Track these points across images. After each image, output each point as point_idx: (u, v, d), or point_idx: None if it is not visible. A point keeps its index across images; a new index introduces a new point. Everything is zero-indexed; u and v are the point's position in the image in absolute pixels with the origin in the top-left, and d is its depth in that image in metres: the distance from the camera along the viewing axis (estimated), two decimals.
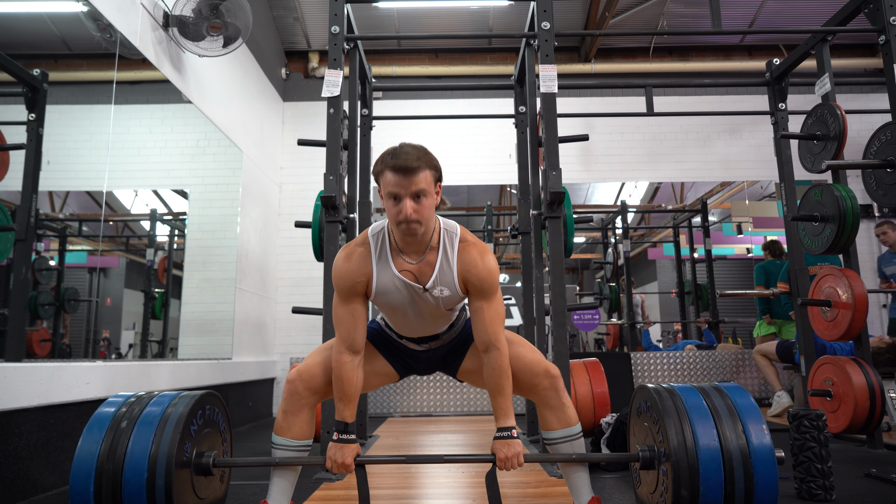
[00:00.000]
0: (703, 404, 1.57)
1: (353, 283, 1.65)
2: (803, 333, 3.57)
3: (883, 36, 3.09)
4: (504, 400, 1.65)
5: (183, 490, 1.59)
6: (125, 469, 1.52)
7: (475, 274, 1.64)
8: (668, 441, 1.52)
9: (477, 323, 1.66)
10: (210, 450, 1.74)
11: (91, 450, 1.54)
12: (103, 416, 1.62)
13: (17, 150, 2.71)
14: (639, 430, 1.76)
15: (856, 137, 4.13)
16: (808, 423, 2.17)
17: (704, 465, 1.47)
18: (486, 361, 1.66)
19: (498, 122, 5.84)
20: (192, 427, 1.63)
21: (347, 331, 1.66)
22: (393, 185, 1.54)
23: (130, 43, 3.26)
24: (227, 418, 1.86)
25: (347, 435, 1.66)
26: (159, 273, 4.24)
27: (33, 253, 2.90)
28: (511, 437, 1.64)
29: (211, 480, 1.75)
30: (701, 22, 6.04)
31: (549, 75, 2.91)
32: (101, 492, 1.51)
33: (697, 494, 1.46)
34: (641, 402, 1.74)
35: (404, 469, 2.87)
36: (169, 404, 1.64)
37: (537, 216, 3.24)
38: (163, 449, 1.54)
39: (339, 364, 1.65)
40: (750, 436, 1.50)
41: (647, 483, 1.69)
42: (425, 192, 1.55)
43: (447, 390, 5.29)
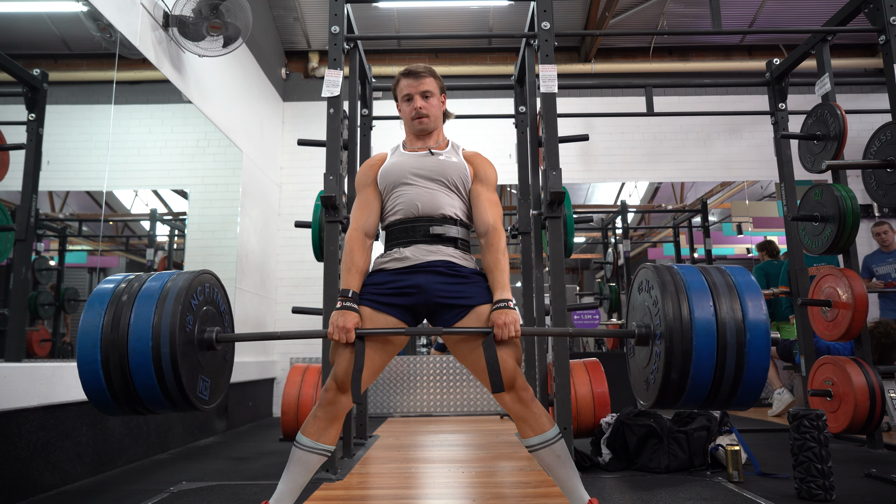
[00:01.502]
0: (703, 280, 1.56)
1: (368, 173, 1.93)
2: (803, 333, 3.57)
3: (883, 36, 3.09)
4: (501, 274, 1.77)
5: (188, 360, 1.59)
6: (130, 338, 1.53)
7: (479, 164, 1.92)
8: (664, 315, 1.51)
9: (477, 207, 1.86)
10: (212, 326, 1.74)
11: (95, 321, 1.55)
12: (103, 291, 1.61)
13: (17, 150, 2.71)
14: (637, 307, 1.75)
15: (856, 137, 4.13)
16: (808, 423, 2.17)
17: (698, 338, 1.47)
18: (485, 242, 1.81)
19: (498, 122, 5.84)
20: (192, 300, 1.64)
21: (362, 214, 1.89)
22: (406, 88, 1.92)
23: (130, 43, 3.26)
24: (226, 299, 1.87)
25: (350, 302, 1.75)
26: None
27: (33, 253, 2.90)
28: (508, 307, 1.71)
29: (214, 356, 1.75)
30: (701, 22, 6.04)
31: (549, 75, 2.91)
32: (109, 362, 1.53)
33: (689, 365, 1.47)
34: (642, 280, 1.72)
35: (404, 469, 2.87)
36: (167, 280, 1.64)
37: (537, 216, 3.24)
38: (165, 320, 1.55)
39: (351, 239, 1.84)
40: (746, 310, 1.50)
41: (641, 359, 1.69)
42: (431, 92, 1.93)
43: (447, 390, 5.29)
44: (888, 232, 4.41)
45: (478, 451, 3.31)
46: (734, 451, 2.47)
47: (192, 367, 1.62)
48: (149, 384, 1.54)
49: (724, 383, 1.48)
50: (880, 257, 4.46)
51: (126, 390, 1.55)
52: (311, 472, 1.77)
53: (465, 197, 1.90)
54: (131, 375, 1.54)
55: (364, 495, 2.39)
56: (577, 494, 1.77)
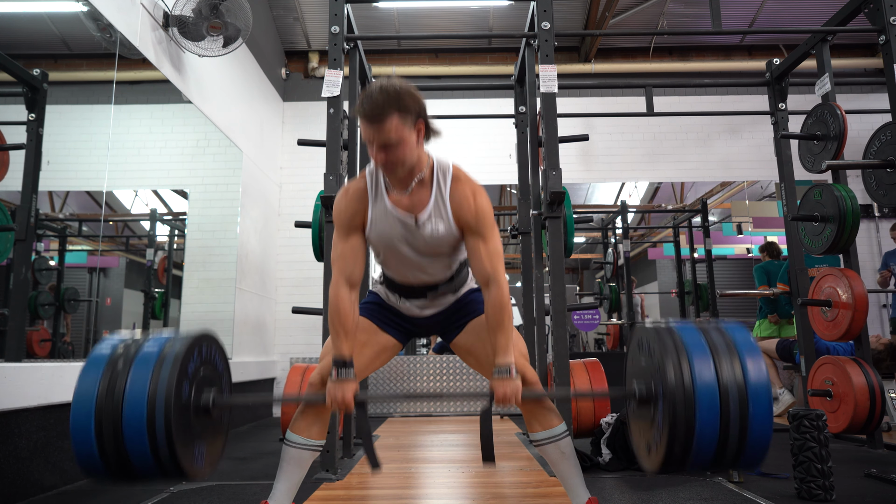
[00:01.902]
0: (702, 340, 1.56)
1: (351, 216, 1.67)
2: (803, 333, 3.57)
3: (883, 36, 3.09)
4: (503, 336, 1.63)
5: (183, 428, 1.59)
6: (125, 410, 1.52)
7: (468, 211, 1.64)
8: (665, 376, 1.51)
9: (475, 260, 1.66)
10: (209, 388, 1.73)
11: (89, 391, 1.54)
12: (99, 357, 1.61)
13: (17, 150, 2.71)
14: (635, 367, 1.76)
15: (856, 137, 4.13)
16: (808, 423, 2.17)
17: (701, 398, 1.47)
18: (487, 297, 1.64)
19: (498, 122, 5.84)
20: (189, 366, 1.62)
21: (346, 265, 1.67)
22: (364, 133, 1.55)
23: (130, 43, 3.26)
24: (224, 359, 1.85)
25: (346, 372, 1.64)
26: (159, 273, 4.24)
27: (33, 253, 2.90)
28: (509, 374, 1.61)
29: (210, 422, 1.75)
30: (701, 22, 6.04)
31: (549, 75, 2.91)
32: (103, 433, 1.52)
33: (693, 426, 1.46)
34: (640, 340, 1.73)
35: (404, 469, 2.87)
36: (165, 345, 1.62)
37: (537, 216, 3.24)
38: (161, 389, 1.52)
39: (336, 299, 1.65)
40: (747, 370, 1.49)
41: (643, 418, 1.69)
42: (394, 140, 1.53)
43: (447, 390, 5.29)
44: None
45: (478, 451, 3.31)
46: None
47: (188, 436, 1.61)
48: (143, 455, 1.52)
49: (729, 447, 1.47)
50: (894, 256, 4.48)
51: (119, 460, 1.53)
52: (305, 468, 1.78)
53: (461, 246, 1.74)
54: (125, 446, 1.52)
55: (364, 495, 2.39)
56: (578, 492, 1.77)
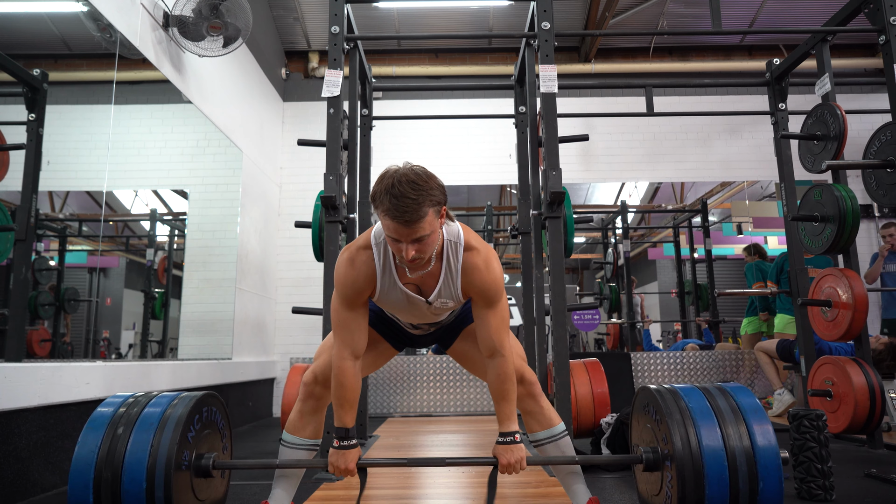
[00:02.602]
0: (707, 405, 1.56)
1: (359, 290, 1.60)
2: (803, 333, 3.57)
3: (883, 36, 3.09)
4: (508, 405, 1.63)
5: (182, 493, 1.58)
6: (124, 478, 1.50)
7: (479, 285, 1.60)
8: (672, 443, 1.51)
9: (481, 330, 1.63)
10: (210, 451, 1.73)
11: (89, 457, 1.52)
12: (100, 419, 1.60)
13: (17, 150, 2.71)
14: (641, 431, 1.76)
15: (856, 137, 4.13)
16: (808, 423, 2.17)
17: (709, 468, 1.45)
18: (491, 367, 1.63)
19: (498, 122, 5.84)
20: (189, 433, 1.61)
21: (350, 336, 1.62)
22: (392, 231, 1.45)
23: (130, 43, 3.26)
24: (226, 418, 1.86)
25: (349, 440, 1.64)
26: (159, 273, 4.24)
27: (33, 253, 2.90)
28: (514, 442, 1.62)
29: (211, 481, 1.75)
30: (701, 22, 6.03)
31: (549, 75, 2.91)
32: (101, 500, 1.50)
33: (703, 498, 1.45)
34: (644, 404, 1.73)
35: (404, 469, 2.87)
36: (167, 406, 1.62)
37: (537, 216, 3.24)
38: (161, 456, 1.51)
39: (340, 371, 1.61)
40: (755, 437, 1.48)
41: (650, 484, 1.69)
42: (427, 235, 1.46)
43: (447, 390, 5.29)
44: (894, 234, 4.43)
45: (478, 451, 3.31)
46: None
47: (188, 500, 1.61)
48: None
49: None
50: (889, 256, 4.47)
51: None
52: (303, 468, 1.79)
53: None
54: None
55: (364, 495, 2.39)
56: (578, 492, 1.77)
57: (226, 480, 1.87)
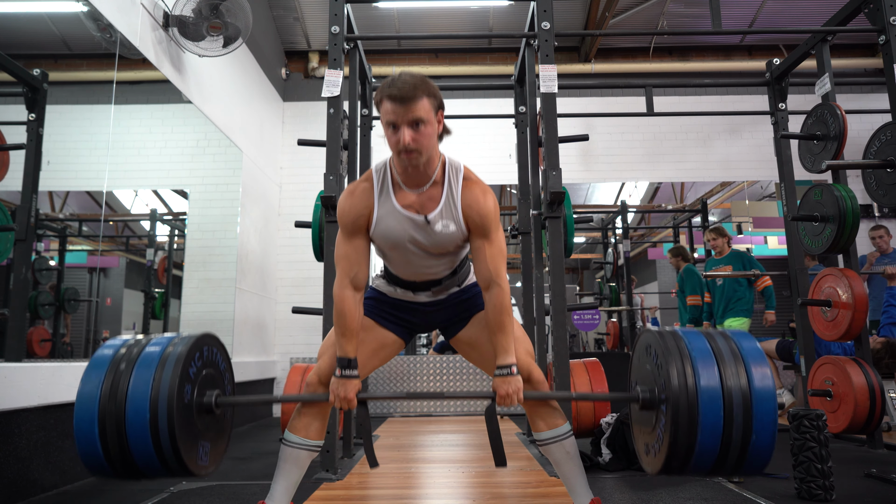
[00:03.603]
0: (707, 347, 1.56)
1: (356, 216, 1.66)
2: (803, 333, 3.57)
3: (883, 36, 3.09)
4: (505, 337, 1.65)
5: (186, 427, 1.60)
6: (128, 411, 1.53)
7: (477, 211, 1.65)
8: (669, 382, 1.51)
9: (478, 261, 1.67)
10: (211, 389, 1.74)
11: (92, 392, 1.55)
12: (102, 358, 1.61)
13: (17, 150, 2.71)
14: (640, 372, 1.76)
15: (856, 137, 4.13)
16: (808, 423, 2.17)
17: (704, 407, 1.46)
18: (488, 299, 1.66)
19: (498, 122, 5.84)
20: (191, 368, 1.63)
21: (350, 266, 1.67)
22: (391, 114, 1.54)
23: (130, 43, 3.26)
24: (226, 358, 1.86)
25: (350, 370, 1.66)
26: (159, 273, 4.24)
27: (33, 253, 2.90)
28: (511, 373, 1.63)
29: (214, 421, 1.75)
30: (701, 22, 6.04)
31: (549, 75, 2.91)
32: (107, 433, 1.53)
33: (695, 435, 1.46)
34: (646, 345, 1.73)
35: (404, 469, 2.87)
36: (167, 345, 1.63)
37: (537, 216, 3.24)
38: (163, 390, 1.54)
39: (340, 299, 1.66)
40: (752, 379, 1.49)
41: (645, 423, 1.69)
42: (423, 120, 1.55)
43: (447, 389, 5.29)
44: (884, 237, 4.46)
45: (478, 451, 3.32)
46: None
47: (191, 435, 1.61)
48: (147, 455, 1.53)
49: (732, 450, 1.47)
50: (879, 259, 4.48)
51: (123, 461, 1.54)
52: (303, 468, 1.78)
53: (465, 245, 1.75)
54: (129, 447, 1.53)
55: (364, 495, 2.39)
56: (581, 492, 1.77)
57: (229, 423, 1.87)
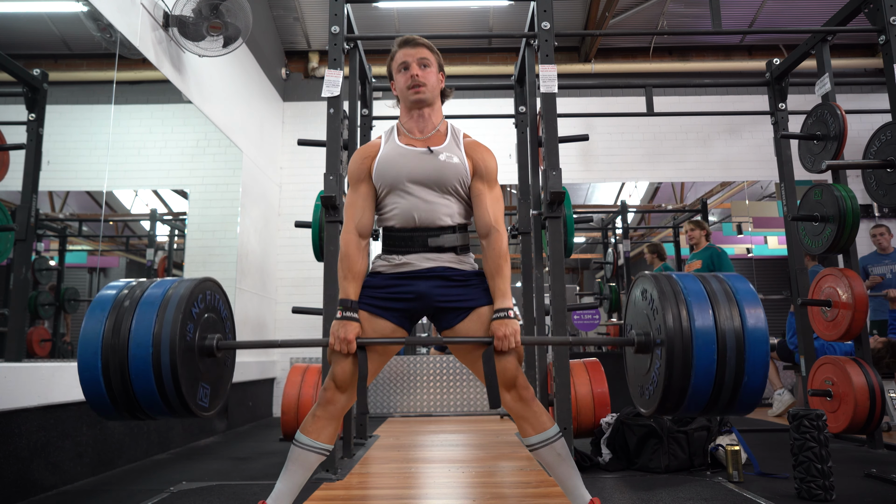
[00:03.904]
0: (702, 289, 1.57)
1: (362, 168, 1.81)
2: (803, 333, 3.57)
3: (883, 36, 3.09)
4: (502, 281, 1.72)
5: (189, 367, 1.60)
6: (130, 345, 1.55)
7: (480, 157, 1.81)
8: (664, 323, 1.52)
9: (479, 206, 1.78)
10: (213, 333, 1.75)
11: (96, 328, 1.57)
12: (105, 297, 1.63)
13: (17, 150, 2.71)
14: (635, 316, 1.76)
15: (856, 137, 4.13)
16: (808, 423, 2.17)
17: (698, 350, 1.48)
18: (487, 244, 1.75)
19: (498, 122, 5.84)
20: (193, 309, 1.65)
21: (355, 212, 1.79)
22: (402, 56, 1.81)
23: (130, 43, 3.26)
24: (228, 305, 1.88)
25: (351, 312, 1.72)
26: (159, 273, 4.23)
27: (33, 253, 2.90)
28: (508, 317, 1.68)
29: (215, 363, 1.76)
30: (701, 22, 6.04)
31: (549, 75, 2.91)
32: (110, 367, 1.55)
33: (689, 377, 1.48)
34: (641, 289, 1.73)
35: (404, 469, 2.87)
36: (169, 287, 1.65)
37: (537, 216, 3.24)
38: (166, 328, 1.56)
39: (346, 243, 1.77)
40: (745, 319, 1.51)
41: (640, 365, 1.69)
42: (429, 61, 1.82)
43: (447, 390, 5.29)
44: (885, 235, 4.44)
45: (478, 451, 3.31)
46: (734, 451, 2.47)
47: (192, 375, 1.63)
48: (148, 391, 1.56)
49: (724, 390, 1.49)
50: (876, 259, 4.47)
51: (126, 396, 1.56)
52: (310, 471, 1.78)
53: (464, 198, 1.81)
54: (131, 382, 1.55)
55: (364, 495, 2.39)
56: (577, 493, 1.76)
57: (230, 368, 1.88)
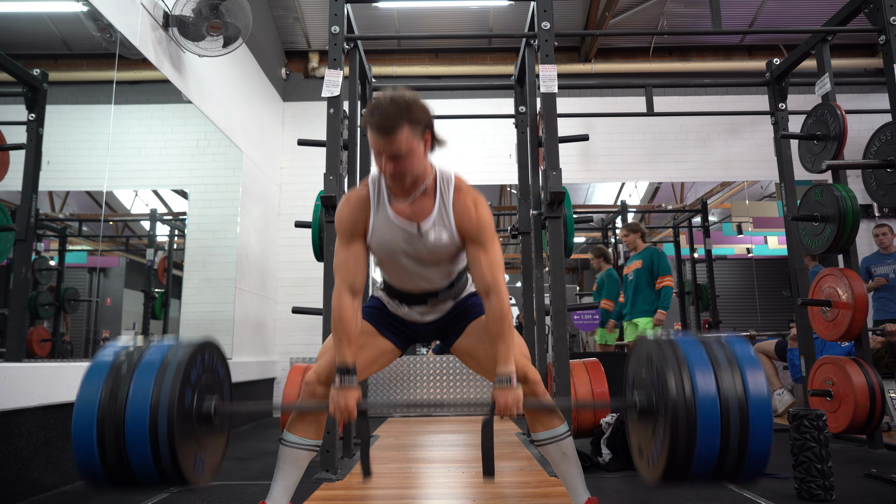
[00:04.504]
0: (704, 354, 1.57)
1: (353, 224, 1.68)
2: (803, 333, 3.57)
3: (883, 36, 3.09)
4: (504, 345, 1.63)
5: (185, 435, 1.59)
6: (127, 416, 1.52)
7: (469, 220, 1.66)
8: (666, 389, 1.51)
9: (476, 270, 1.67)
10: (210, 396, 1.74)
11: (92, 397, 1.54)
12: (102, 363, 1.61)
13: (17, 150, 2.71)
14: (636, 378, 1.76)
15: (856, 137, 4.13)
16: (808, 423, 2.17)
17: (702, 414, 1.47)
18: (487, 307, 1.65)
19: (498, 122, 5.84)
20: (191, 374, 1.62)
21: (348, 272, 1.68)
22: (373, 143, 1.57)
23: (130, 43, 3.26)
24: (225, 367, 1.86)
25: (349, 379, 1.65)
26: (159, 273, 4.23)
27: (33, 253, 2.90)
28: (510, 384, 1.60)
29: (212, 428, 1.75)
30: (701, 22, 6.04)
31: (549, 75, 2.91)
32: (105, 439, 1.52)
33: (694, 444, 1.46)
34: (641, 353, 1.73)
35: (404, 469, 2.87)
36: (168, 351, 1.63)
37: (537, 216, 3.24)
38: (164, 395, 1.53)
39: (339, 306, 1.66)
40: (748, 386, 1.49)
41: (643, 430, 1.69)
42: (404, 151, 1.56)
43: (447, 390, 5.29)
44: (887, 234, 4.43)
45: (478, 451, 3.31)
46: None
47: (190, 443, 1.61)
48: (144, 462, 1.52)
49: (728, 460, 1.47)
50: (879, 258, 4.47)
51: (120, 466, 1.52)
52: (302, 468, 1.79)
53: (461, 254, 1.76)
54: (126, 452, 1.51)
55: (364, 495, 2.39)
56: (578, 492, 1.78)
57: (227, 431, 1.87)
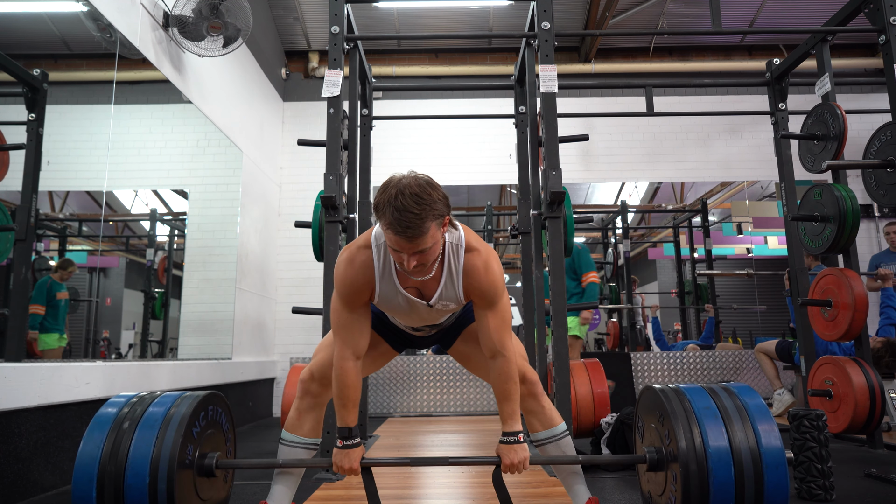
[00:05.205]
0: (713, 405, 1.54)
1: (357, 291, 1.58)
2: (803, 333, 3.57)
3: (883, 36, 3.09)
4: (510, 405, 1.62)
5: (185, 492, 1.58)
6: (127, 473, 1.51)
7: (478, 286, 1.59)
8: (676, 443, 1.49)
9: (482, 330, 1.62)
10: (213, 451, 1.73)
11: (93, 452, 1.53)
12: (105, 416, 1.60)
13: (17, 150, 2.71)
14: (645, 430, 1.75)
15: (856, 137, 4.13)
16: (808, 423, 2.17)
17: (714, 468, 1.44)
18: (493, 367, 1.63)
19: (498, 122, 5.84)
20: (194, 428, 1.61)
21: (351, 336, 1.61)
22: (394, 244, 1.43)
23: (130, 43, 3.26)
24: (230, 418, 1.86)
25: (352, 440, 1.65)
26: (159, 273, 4.23)
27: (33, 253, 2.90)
28: (517, 441, 1.62)
29: (214, 481, 1.74)
30: (701, 22, 6.03)
31: (549, 75, 2.91)
32: (104, 495, 1.51)
33: (708, 498, 1.44)
34: (648, 403, 1.72)
35: (404, 469, 2.87)
36: (171, 405, 1.62)
37: (537, 216, 3.24)
38: (165, 452, 1.52)
39: (341, 371, 1.59)
40: (760, 437, 1.47)
41: (654, 484, 1.68)
42: (429, 247, 1.44)
43: (447, 390, 5.29)
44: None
45: (478, 451, 3.31)
46: None
47: (191, 499, 1.61)
48: None
49: None
50: (889, 256, 4.46)
51: None
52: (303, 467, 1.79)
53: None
54: None
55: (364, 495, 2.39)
56: (578, 491, 1.78)
57: (229, 483, 1.87)
